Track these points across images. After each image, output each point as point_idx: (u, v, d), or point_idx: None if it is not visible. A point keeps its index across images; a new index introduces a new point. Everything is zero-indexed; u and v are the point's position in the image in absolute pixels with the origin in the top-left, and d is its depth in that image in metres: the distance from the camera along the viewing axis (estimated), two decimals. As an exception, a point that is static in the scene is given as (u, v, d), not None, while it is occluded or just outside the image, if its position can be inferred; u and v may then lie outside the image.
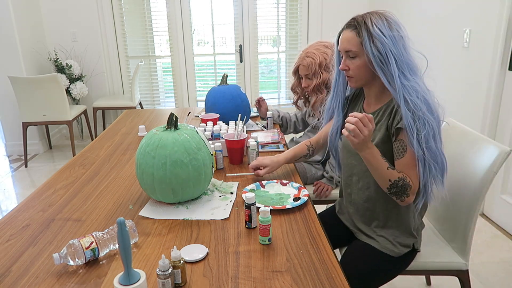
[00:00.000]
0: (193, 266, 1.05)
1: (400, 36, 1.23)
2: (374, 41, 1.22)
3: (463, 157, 1.51)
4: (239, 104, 2.13)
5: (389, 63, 1.22)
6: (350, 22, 1.29)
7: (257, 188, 1.48)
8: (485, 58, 2.51)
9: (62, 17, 4.33)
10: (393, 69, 1.21)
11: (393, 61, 1.21)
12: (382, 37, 1.21)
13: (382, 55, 1.22)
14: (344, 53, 1.31)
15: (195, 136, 1.34)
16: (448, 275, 1.49)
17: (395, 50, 1.21)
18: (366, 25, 1.24)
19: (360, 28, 1.24)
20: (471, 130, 1.56)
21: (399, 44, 1.22)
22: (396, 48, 1.21)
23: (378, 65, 1.24)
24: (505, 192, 2.53)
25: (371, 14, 1.26)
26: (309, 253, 1.09)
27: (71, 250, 1.03)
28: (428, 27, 3.17)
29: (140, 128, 2.20)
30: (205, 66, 4.89)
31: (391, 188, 1.23)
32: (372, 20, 1.24)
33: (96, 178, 1.64)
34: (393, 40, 1.22)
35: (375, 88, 1.34)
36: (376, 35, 1.21)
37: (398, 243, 1.36)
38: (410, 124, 1.19)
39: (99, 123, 4.58)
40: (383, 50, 1.21)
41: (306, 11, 4.48)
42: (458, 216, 1.48)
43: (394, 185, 1.23)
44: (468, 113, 2.70)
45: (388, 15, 1.27)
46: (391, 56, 1.21)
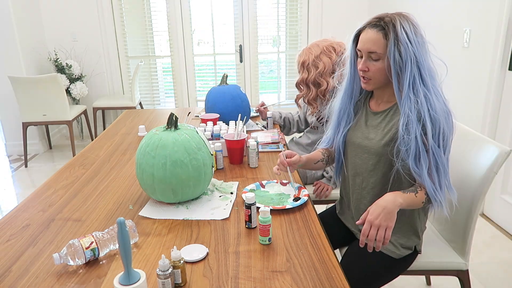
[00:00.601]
0: (193, 266, 1.05)
1: (423, 42, 1.20)
2: (399, 45, 1.17)
3: (463, 157, 1.51)
4: (239, 104, 2.13)
5: (405, 71, 1.18)
6: (376, 22, 1.21)
7: (257, 188, 1.48)
8: (485, 58, 2.51)
9: (62, 17, 4.33)
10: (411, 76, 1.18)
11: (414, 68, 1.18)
12: (407, 42, 1.17)
13: (403, 61, 1.18)
14: (366, 53, 1.24)
15: (195, 136, 1.34)
16: (448, 275, 1.49)
17: (418, 56, 1.18)
18: (394, 27, 1.18)
19: (388, 30, 1.18)
20: (471, 130, 1.56)
21: (423, 49, 1.19)
22: (420, 54, 1.18)
23: (395, 71, 1.20)
24: (505, 192, 2.53)
25: (399, 16, 1.20)
26: (309, 253, 1.09)
27: (71, 250, 1.03)
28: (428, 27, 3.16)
29: (140, 128, 2.20)
30: (205, 66, 4.89)
31: (425, 204, 1.24)
32: (401, 23, 1.18)
33: (96, 178, 1.64)
34: (417, 45, 1.18)
35: (390, 90, 1.29)
36: (402, 39, 1.16)
37: (400, 245, 1.35)
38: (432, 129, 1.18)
39: (99, 123, 4.58)
40: (404, 56, 1.17)
41: (306, 11, 4.48)
42: (458, 216, 1.47)
43: (426, 202, 1.23)
44: (468, 113, 2.70)
45: (412, 18, 1.22)
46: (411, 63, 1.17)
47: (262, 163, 1.74)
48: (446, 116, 1.19)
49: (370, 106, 1.38)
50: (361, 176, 1.36)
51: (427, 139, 1.18)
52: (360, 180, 1.37)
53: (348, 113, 1.40)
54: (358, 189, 1.38)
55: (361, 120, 1.38)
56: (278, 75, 4.80)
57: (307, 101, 2.02)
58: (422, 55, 1.19)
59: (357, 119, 1.40)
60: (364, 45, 1.24)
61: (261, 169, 1.68)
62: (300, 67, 1.99)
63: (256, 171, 1.66)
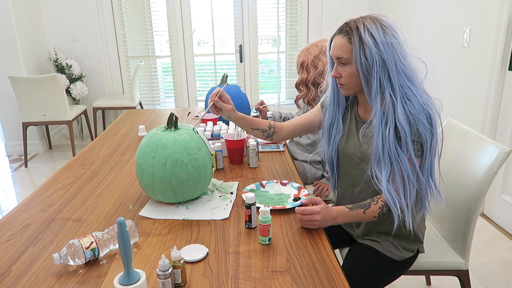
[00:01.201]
0: (193, 266, 1.05)
1: (397, 43, 1.17)
2: (364, 48, 1.16)
3: (463, 157, 1.51)
4: (239, 104, 2.13)
5: (372, 74, 1.17)
6: (343, 27, 1.22)
7: (257, 188, 1.48)
8: (485, 58, 2.51)
9: (62, 17, 4.33)
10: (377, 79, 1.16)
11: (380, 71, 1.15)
12: (372, 45, 1.15)
13: (369, 64, 1.17)
14: (336, 59, 1.25)
15: (195, 136, 1.34)
16: (448, 275, 1.49)
17: (386, 58, 1.15)
18: (358, 30, 1.17)
19: (352, 34, 1.18)
20: (471, 130, 1.56)
21: (394, 51, 1.16)
22: (388, 56, 1.15)
23: (363, 74, 1.19)
24: (505, 192, 2.53)
25: (365, 19, 1.19)
26: (309, 253, 1.09)
27: (71, 250, 1.03)
28: (428, 27, 3.17)
29: (140, 128, 2.20)
30: (205, 66, 4.89)
31: (380, 217, 1.24)
32: (366, 25, 1.17)
33: (96, 178, 1.64)
34: (386, 47, 1.15)
35: None
36: (367, 42, 1.15)
37: (402, 247, 1.35)
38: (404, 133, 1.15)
39: (99, 123, 4.58)
40: (370, 59, 1.16)
41: (306, 11, 4.48)
42: (458, 216, 1.47)
43: (381, 215, 1.23)
44: (468, 113, 2.70)
45: (383, 19, 1.19)
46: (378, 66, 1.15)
47: (262, 163, 1.75)
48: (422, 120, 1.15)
49: (359, 114, 1.36)
50: (359, 186, 1.35)
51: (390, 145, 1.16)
52: (358, 190, 1.36)
53: (337, 123, 1.39)
54: (357, 198, 1.36)
55: (352, 129, 1.36)
56: (278, 75, 4.80)
57: (307, 102, 2.02)
58: (392, 57, 1.16)
59: (348, 129, 1.38)
60: (332, 52, 1.25)
61: (261, 169, 1.68)
62: (299, 67, 1.99)
63: (256, 171, 1.66)
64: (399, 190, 1.18)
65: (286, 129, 1.56)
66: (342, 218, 1.22)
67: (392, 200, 1.18)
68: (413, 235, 1.35)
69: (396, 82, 1.16)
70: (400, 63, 1.17)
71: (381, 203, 1.22)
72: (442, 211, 1.59)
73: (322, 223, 1.18)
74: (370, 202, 1.23)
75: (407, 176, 1.17)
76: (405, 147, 1.16)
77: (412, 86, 1.17)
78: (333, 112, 1.39)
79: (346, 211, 1.22)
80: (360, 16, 1.23)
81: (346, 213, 1.22)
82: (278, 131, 1.55)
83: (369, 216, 1.23)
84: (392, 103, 1.17)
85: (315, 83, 1.95)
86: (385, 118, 1.18)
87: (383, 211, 1.22)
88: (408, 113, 1.15)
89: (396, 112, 1.16)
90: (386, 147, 1.17)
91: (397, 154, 1.17)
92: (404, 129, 1.15)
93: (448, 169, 1.57)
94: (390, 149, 1.17)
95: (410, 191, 1.19)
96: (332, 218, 1.20)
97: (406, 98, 1.16)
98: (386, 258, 1.33)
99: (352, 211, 1.22)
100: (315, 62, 1.93)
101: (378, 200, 1.23)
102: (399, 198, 1.18)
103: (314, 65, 1.93)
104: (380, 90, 1.18)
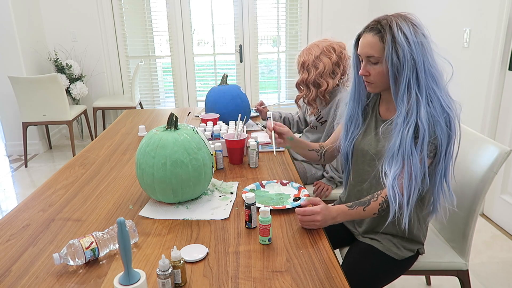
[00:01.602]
0: (193, 266, 1.05)
1: (426, 42, 1.16)
2: (397, 48, 1.15)
3: (463, 157, 1.51)
4: (239, 104, 2.13)
5: (402, 74, 1.16)
6: (373, 25, 1.20)
7: (257, 188, 1.48)
8: (485, 58, 2.51)
9: (62, 17, 4.33)
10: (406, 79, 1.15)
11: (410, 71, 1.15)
12: (405, 44, 1.14)
13: (400, 64, 1.16)
14: (365, 58, 1.23)
15: (195, 136, 1.34)
16: (448, 275, 1.49)
17: (416, 58, 1.15)
18: (391, 29, 1.15)
19: (385, 33, 1.16)
20: (471, 130, 1.56)
21: (424, 50, 1.16)
22: (419, 56, 1.15)
23: (393, 74, 1.18)
24: (505, 192, 2.53)
25: (396, 18, 1.17)
26: (309, 253, 1.09)
27: (71, 250, 1.03)
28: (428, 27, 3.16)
29: (140, 128, 2.20)
30: (205, 66, 4.89)
31: (380, 213, 1.24)
32: (399, 24, 1.15)
33: (96, 178, 1.64)
34: (416, 47, 1.14)
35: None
36: (400, 41, 1.14)
37: (403, 246, 1.35)
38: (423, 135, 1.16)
39: (99, 123, 4.58)
40: (402, 59, 1.15)
41: (306, 11, 4.48)
42: (458, 216, 1.47)
43: (380, 212, 1.24)
44: (468, 113, 2.70)
45: (413, 18, 1.19)
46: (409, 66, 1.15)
47: (262, 163, 1.74)
48: (440, 123, 1.15)
49: (380, 113, 1.36)
50: (369, 182, 1.36)
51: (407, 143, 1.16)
52: (368, 186, 1.37)
53: (356, 118, 1.38)
54: (365, 194, 1.37)
55: (370, 126, 1.37)
56: (278, 75, 4.80)
57: (307, 102, 2.02)
58: (421, 57, 1.16)
59: (366, 126, 1.39)
60: (362, 50, 1.24)
61: (261, 169, 1.68)
62: (300, 67, 1.99)
63: (256, 171, 1.66)
64: (404, 188, 1.19)
65: (330, 146, 1.55)
66: (342, 217, 1.23)
67: (393, 195, 1.18)
68: (415, 235, 1.36)
69: (423, 82, 1.16)
70: (428, 64, 1.17)
71: (381, 199, 1.22)
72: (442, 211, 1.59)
73: (322, 223, 1.19)
74: (370, 199, 1.24)
75: (415, 176, 1.17)
76: (420, 147, 1.17)
77: (437, 88, 1.17)
78: (352, 108, 1.39)
79: (346, 210, 1.23)
80: (389, 14, 1.21)
81: (345, 211, 1.23)
82: (326, 149, 1.55)
83: (369, 213, 1.23)
84: (417, 103, 1.16)
85: (316, 83, 1.95)
86: (408, 117, 1.18)
87: (383, 207, 1.22)
88: (430, 115, 1.15)
89: (419, 112, 1.16)
90: (403, 145, 1.17)
91: (411, 153, 1.17)
92: (424, 129, 1.15)
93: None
94: (405, 148, 1.17)
95: (413, 192, 1.19)
96: (332, 217, 1.20)
97: (429, 99, 1.17)
98: (386, 257, 1.33)
99: (351, 209, 1.23)
100: (316, 62, 1.93)
101: (378, 197, 1.23)
102: (400, 195, 1.18)
103: (315, 65, 1.93)
104: (408, 90, 1.18)
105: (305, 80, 1.97)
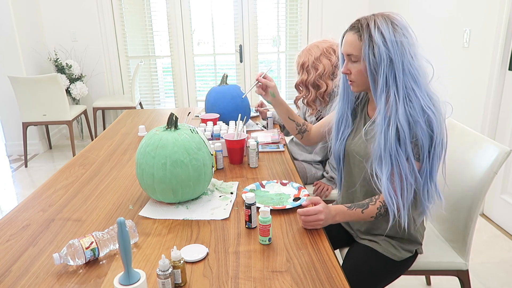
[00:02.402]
0: (193, 266, 1.05)
1: (407, 42, 1.16)
2: (373, 46, 1.16)
3: (463, 157, 1.51)
4: (239, 104, 2.13)
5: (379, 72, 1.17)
6: (354, 24, 1.22)
7: (257, 188, 1.48)
8: (485, 58, 2.51)
9: (62, 17, 4.33)
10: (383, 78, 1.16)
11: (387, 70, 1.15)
12: (381, 43, 1.14)
13: (376, 62, 1.16)
14: (346, 56, 1.25)
15: (195, 136, 1.34)
16: (448, 275, 1.49)
17: (394, 57, 1.15)
18: (368, 28, 1.17)
19: (362, 31, 1.18)
20: (471, 130, 1.56)
21: (403, 50, 1.15)
22: (397, 55, 1.15)
23: (371, 72, 1.19)
24: (505, 192, 2.53)
25: (377, 17, 1.19)
26: (309, 253, 1.09)
27: (71, 250, 1.03)
28: (428, 27, 3.17)
29: (140, 128, 2.20)
30: (205, 66, 4.89)
31: (378, 217, 1.25)
32: (376, 23, 1.16)
33: (96, 178, 1.64)
34: (395, 45, 1.14)
35: None
36: (376, 40, 1.15)
37: (401, 247, 1.35)
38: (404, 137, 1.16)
39: (99, 123, 4.58)
40: (378, 57, 1.15)
41: (306, 11, 4.48)
42: (458, 216, 1.47)
43: (378, 216, 1.24)
44: (468, 113, 2.70)
45: (395, 17, 1.19)
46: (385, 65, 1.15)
47: (262, 163, 1.74)
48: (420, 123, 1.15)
49: (368, 114, 1.36)
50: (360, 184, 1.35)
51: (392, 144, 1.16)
52: (359, 189, 1.37)
53: (346, 119, 1.39)
54: (358, 196, 1.38)
55: (360, 127, 1.37)
56: (278, 75, 4.80)
57: (306, 103, 2.02)
58: (400, 56, 1.15)
59: (356, 126, 1.39)
60: (343, 48, 1.26)
61: (261, 169, 1.68)
62: (300, 68, 1.98)
63: (256, 171, 1.66)
64: (397, 189, 1.19)
65: (314, 130, 1.58)
66: (341, 216, 1.23)
67: (390, 200, 1.18)
68: (412, 236, 1.36)
69: (401, 82, 1.16)
70: (408, 63, 1.16)
71: (379, 204, 1.23)
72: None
73: (325, 222, 1.19)
74: (369, 202, 1.24)
75: (405, 176, 1.17)
76: (403, 147, 1.17)
77: (417, 88, 1.16)
78: (342, 108, 1.39)
79: (345, 210, 1.23)
80: (373, 13, 1.22)
81: (344, 212, 1.23)
82: (309, 130, 1.58)
83: (367, 215, 1.23)
84: (396, 102, 1.17)
85: (315, 84, 1.95)
86: (387, 117, 1.18)
87: (380, 212, 1.23)
88: (409, 115, 1.15)
89: (397, 112, 1.16)
90: (388, 146, 1.17)
91: (397, 153, 1.17)
92: (403, 129, 1.15)
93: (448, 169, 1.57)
94: (391, 148, 1.17)
95: (407, 191, 1.19)
96: (332, 216, 1.21)
97: (408, 99, 1.16)
98: (385, 258, 1.34)
99: (350, 210, 1.23)
100: (315, 64, 1.92)
101: (376, 201, 1.23)
102: (396, 197, 1.19)
103: (314, 66, 1.92)
104: (386, 89, 1.18)
105: (304, 81, 1.97)
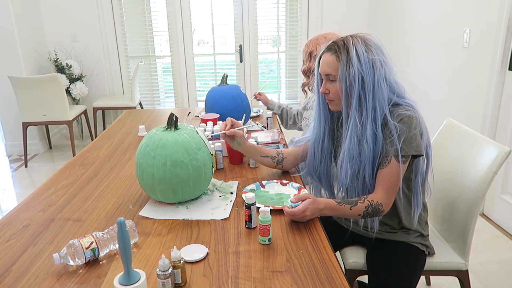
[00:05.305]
0: (193, 266, 1.05)
1: (378, 61, 1.21)
2: (349, 66, 1.21)
3: (463, 157, 1.51)
4: (239, 104, 2.13)
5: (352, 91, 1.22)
6: (331, 45, 1.28)
7: (257, 188, 1.48)
8: (485, 58, 2.51)
9: (62, 17, 4.33)
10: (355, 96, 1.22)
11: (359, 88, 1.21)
12: (355, 63, 1.20)
13: (352, 82, 1.22)
14: (324, 76, 1.30)
15: (195, 136, 1.34)
16: (448, 275, 1.49)
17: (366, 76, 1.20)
18: (346, 49, 1.23)
19: (340, 52, 1.24)
20: (471, 130, 1.56)
21: (374, 69, 1.21)
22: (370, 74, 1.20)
23: (345, 91, 1.25)
24: (505, 192, 2.53)
25: (353, 38, 1.25)
26: (309, 253, 1.09)
27: (71, 250, 1.03)
28: (428, 27, 3.17)
29: (140, 128, 2.20)
30: (205, 66, 4.89)
31: (365, 216, 1.27)
32: (354, 44, 1.22)
33: (96, 178, 1.64)
34: (367, 65, 1.20)
35: None
36: (353, 60, 1.21)
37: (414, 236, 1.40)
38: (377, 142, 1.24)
39: (99, 123, 4.58)
40: (352, 77, 1.21)
41: (306, 11, 4.48)
42: (458, 216, 1.48)
43: (365, 215, 1.26)
44: (468, 113, 2.70)
45: (368, 37, 1.25)
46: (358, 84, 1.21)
47: (262, 163, 1.74)
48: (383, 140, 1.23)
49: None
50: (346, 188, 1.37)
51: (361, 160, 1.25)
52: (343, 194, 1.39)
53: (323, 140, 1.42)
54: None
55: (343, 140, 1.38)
56: (278, 75, 4.80)
57: (311, 89, 2.04)
58: (371, 75, 1.21)
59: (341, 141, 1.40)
60: (321, 68, 1.30)
61: (261, 169, 1.68)
62: (307, 56, 2.01)
63: (256, 171, 1.66)
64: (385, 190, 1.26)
65: (292, 154, 1.58)
66: (329, 210, 1.26)
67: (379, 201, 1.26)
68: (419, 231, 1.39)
69: (370, 101, 1.22)
70: (378, 84, 1.22)
71: (367, 203, 1.25)
72: (443, 211, 1.59)
73: (311, 216, 1.23)
74: (357, 200, 1.27)
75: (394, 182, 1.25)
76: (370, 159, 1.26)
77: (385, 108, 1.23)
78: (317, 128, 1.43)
79: (334, 205, 1.26)
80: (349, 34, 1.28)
81: (333, 206, 1.26)
82: (286, 157, 1.58)
83: (354, 213, 1.26)
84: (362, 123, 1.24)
85: None
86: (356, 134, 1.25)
87: (367, 211, 1.25)
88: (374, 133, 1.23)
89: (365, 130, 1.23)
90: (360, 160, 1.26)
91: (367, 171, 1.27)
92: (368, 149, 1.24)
93: (448, 169, 1.57)
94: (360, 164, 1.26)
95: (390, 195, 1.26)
96: (320, 209, 1.24)
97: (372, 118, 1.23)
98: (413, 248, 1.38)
99: (339, 205, 1.26)
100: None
101: (365, 200, 1.26)
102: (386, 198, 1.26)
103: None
104: (359, 107, 1.24)
105: (312, 69, 1.99)
